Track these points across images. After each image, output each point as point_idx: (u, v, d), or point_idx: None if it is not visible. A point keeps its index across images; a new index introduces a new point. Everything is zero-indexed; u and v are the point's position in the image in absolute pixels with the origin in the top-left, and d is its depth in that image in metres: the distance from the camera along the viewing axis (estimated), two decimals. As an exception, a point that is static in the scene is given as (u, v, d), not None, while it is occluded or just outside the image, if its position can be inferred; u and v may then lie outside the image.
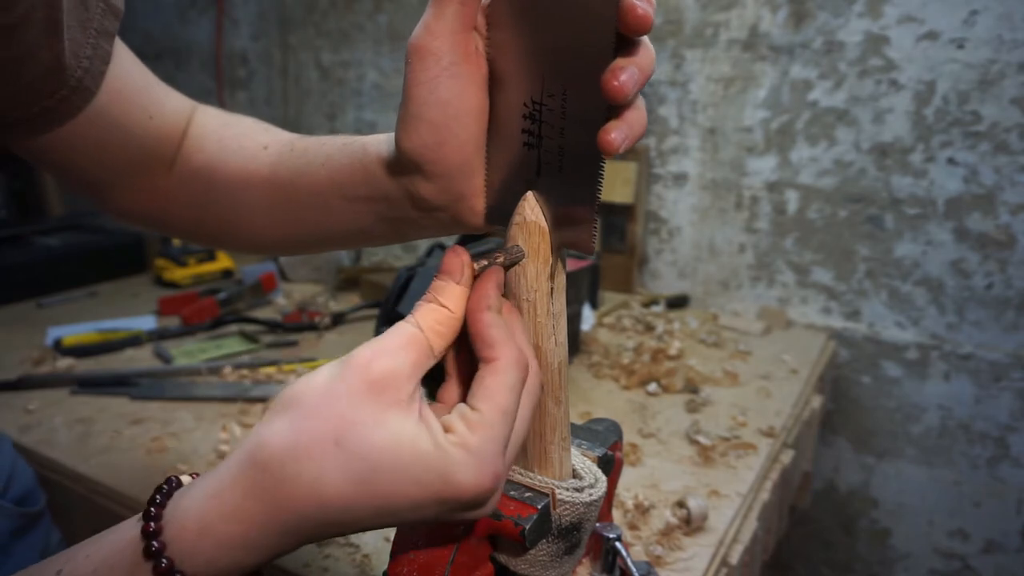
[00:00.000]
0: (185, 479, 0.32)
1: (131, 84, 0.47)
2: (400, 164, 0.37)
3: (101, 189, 0.50)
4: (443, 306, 0.33)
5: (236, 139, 0.49)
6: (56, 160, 0.47)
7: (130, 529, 0.30)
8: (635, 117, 0.32)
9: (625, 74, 0.30)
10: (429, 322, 0.32)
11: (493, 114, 0.35)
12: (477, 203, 0.38)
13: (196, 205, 0.50)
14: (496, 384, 0.31)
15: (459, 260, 0.33)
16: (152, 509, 0.29)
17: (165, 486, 0.31)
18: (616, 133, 0.31)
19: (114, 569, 0.29)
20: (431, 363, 0.32)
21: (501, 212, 0.36)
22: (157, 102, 0.49)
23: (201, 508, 0.29)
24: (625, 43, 0.31)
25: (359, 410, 0.29)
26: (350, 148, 0.42)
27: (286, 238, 0.49)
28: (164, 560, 0.28)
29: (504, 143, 0.35)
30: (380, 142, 0.40)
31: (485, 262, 0.34)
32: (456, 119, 0.35)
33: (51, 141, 0.44)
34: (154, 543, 0.28)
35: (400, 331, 0.32)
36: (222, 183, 0.48)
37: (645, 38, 0.32)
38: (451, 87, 0.34)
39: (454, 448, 0.29)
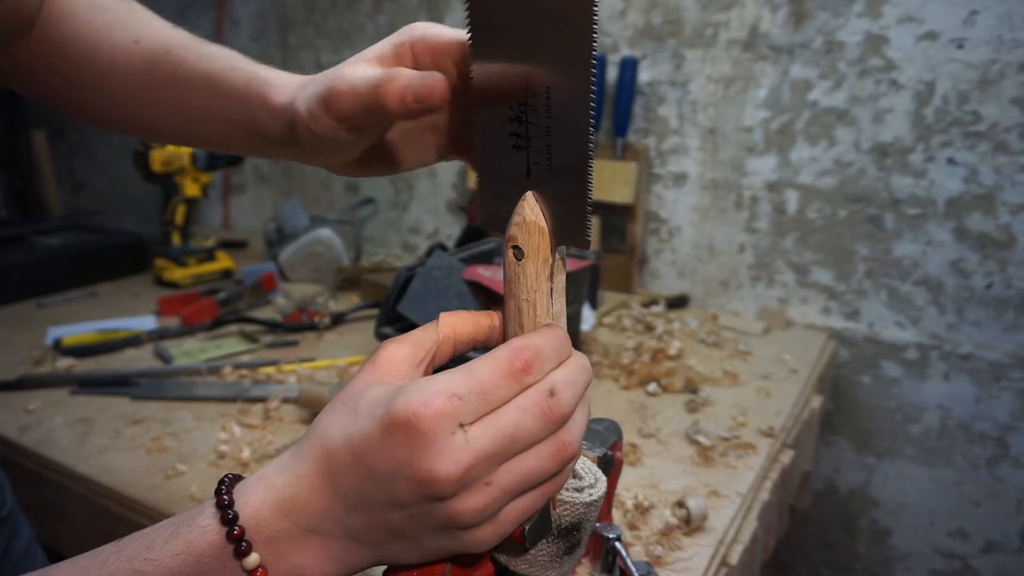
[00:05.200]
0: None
1: None
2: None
3: None
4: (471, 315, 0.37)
5: (107, 26, 0.48)
6: None
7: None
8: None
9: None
10: (447, 317, 0.36)
11: (481, 120, 0.35)
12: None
13: (59, 77, 0.49)
14: (486, 357, 0.32)
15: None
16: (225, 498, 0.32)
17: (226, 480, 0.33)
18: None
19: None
20: (431, 345, 0.35)
21: (496, 216, 0.36)
22: None
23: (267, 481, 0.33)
24: None
25: (358, 379, 0.34)
26: (233, 76, 0.42)
27: (151, 131, 0.50)
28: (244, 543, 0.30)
29: (494, 148, 0.35)
30: (268, 86, 0.41)
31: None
32: (329, 154, 0.39)
33: None
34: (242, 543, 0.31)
35: (421, 328, 0.36)
36: (90, 65, 0.47)
37: None
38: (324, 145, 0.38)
39: (409, 383, 0.31)
